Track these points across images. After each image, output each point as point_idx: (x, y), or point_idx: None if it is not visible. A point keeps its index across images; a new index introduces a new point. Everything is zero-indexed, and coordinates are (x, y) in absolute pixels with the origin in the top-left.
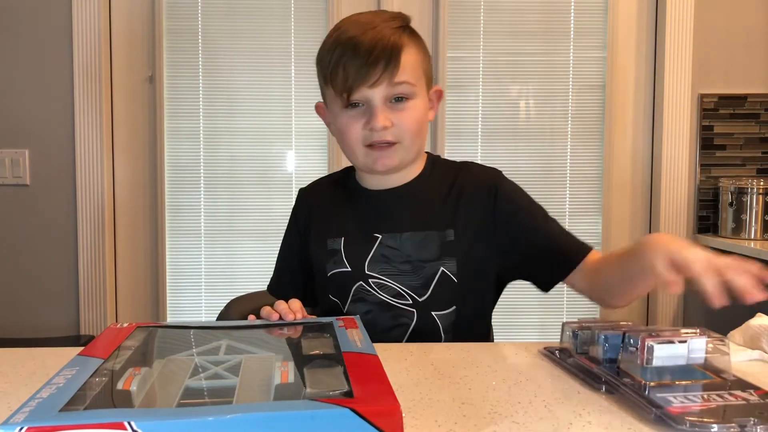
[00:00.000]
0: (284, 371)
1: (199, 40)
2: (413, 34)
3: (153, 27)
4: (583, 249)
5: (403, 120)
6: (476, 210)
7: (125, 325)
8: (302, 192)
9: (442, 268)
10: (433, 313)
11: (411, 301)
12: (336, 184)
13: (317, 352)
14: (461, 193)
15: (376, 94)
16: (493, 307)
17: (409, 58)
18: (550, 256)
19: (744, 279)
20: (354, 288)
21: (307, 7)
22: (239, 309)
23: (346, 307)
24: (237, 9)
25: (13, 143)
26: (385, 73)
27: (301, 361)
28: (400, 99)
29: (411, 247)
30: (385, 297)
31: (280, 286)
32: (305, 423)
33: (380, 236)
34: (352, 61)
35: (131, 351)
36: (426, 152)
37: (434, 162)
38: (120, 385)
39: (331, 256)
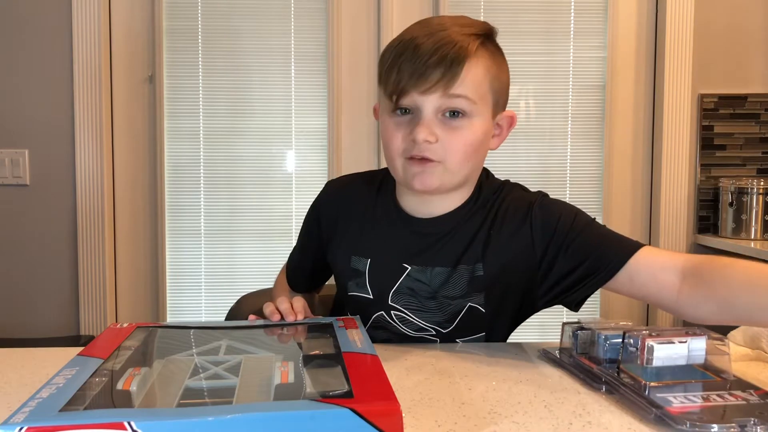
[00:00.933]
0: (284, 371)
1: (199, 40)
2: (491, 47)
3: (153, 27)
4: (622, 255)
5: (452, 139)
6: (509, 241)
7: (125, 325)
8: (332, 188)
9: (469, 304)
10: (457, 340)
11: (434, 332)
12: (372, 192)
13: (317, 352)
14: (493, 224)
15: (427, 102)
16: (514, 329)
17: (474, 70)
18: (585, 272)
19: None
20: (374, 316)
21: (307, 7)
22: (250, 305)
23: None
24: (237, 9)
25: (13, 143)
26: (441, 81)
27: (301, 361)
28: (455, 114)
29: (440, 283)
30: (406, 330)
31: (296, 276)
32: (305, 423)
33: (409, 268)
34: (409, 62)
35: (131, 351)
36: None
37: (481, 187)
38: (120, 385)
39: (353, 276)
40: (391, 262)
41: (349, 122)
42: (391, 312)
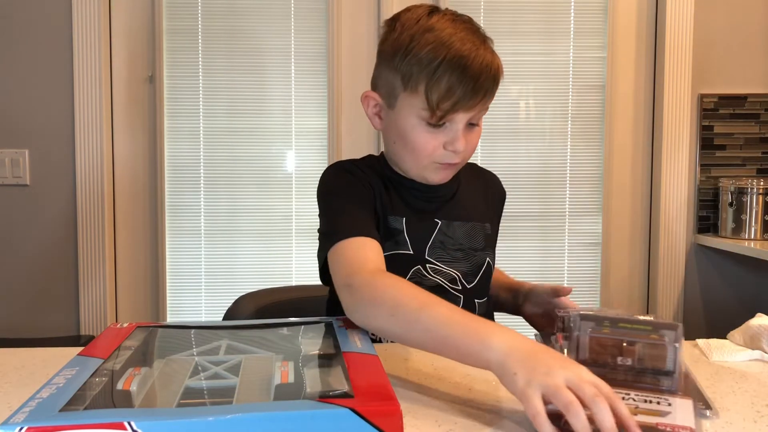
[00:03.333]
0: (284, 371)
1: (199, 40)
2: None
3: (153, 27)
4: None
5: (472, 142)
6: (496, 210)
7: (125, 325)
8: (345, 162)
9: (488, 259)
10: (475, 300)
11: (460, 287)
12: (372, 167)
13: (317, 352)
14: (486, 192)
15: (465, 118)
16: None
17: (498, 86)
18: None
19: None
20: (412, 271)
21: (307, 7)
22: (249, 305)
23: None
24: (237, 9)
25: (13, 143)
26: (481, 102)
27: (301, 361)
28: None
29: (462, 235)
30: (440, 279)
31: (369, 229)
32: (305, 423)
33: (440, 222)
34: (460, 84)
35: (131, 351)
36: None
37: None
38: (120, 385)
39: (392, 236)
40: (424, 219)
41: (349, 122)
42: (427, 265)
